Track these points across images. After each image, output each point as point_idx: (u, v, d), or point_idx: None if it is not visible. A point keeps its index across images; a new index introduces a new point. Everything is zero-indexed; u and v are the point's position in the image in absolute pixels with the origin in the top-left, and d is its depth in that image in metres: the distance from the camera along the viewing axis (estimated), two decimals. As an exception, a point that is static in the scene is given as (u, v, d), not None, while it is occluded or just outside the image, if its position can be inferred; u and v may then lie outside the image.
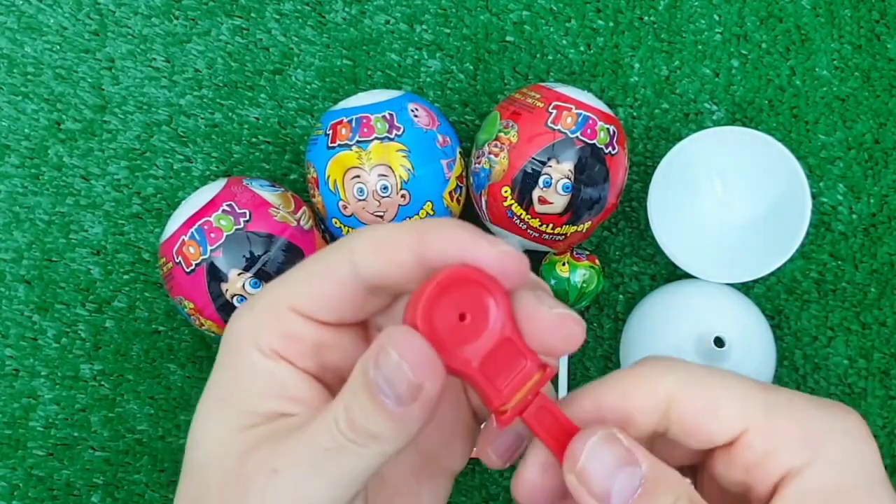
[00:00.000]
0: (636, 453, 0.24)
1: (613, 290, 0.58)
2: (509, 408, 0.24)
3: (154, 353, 0.57)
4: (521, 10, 0.59)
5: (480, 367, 0.23)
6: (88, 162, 0.57)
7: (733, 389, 0.24)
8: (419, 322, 0.23)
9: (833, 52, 0.59)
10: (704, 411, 0.24)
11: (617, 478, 0.23)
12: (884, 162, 0.58)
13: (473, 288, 0.23)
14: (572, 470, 0.24)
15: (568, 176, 0.50)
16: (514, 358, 0.24)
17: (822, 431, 0.24)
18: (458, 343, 0.23)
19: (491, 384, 0.24)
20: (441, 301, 0.23)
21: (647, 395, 0.25)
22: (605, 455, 0.23)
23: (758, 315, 0.54)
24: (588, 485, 0.23)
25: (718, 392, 0.24)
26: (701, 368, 0.25)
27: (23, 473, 0.56)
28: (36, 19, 0.58)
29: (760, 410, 0.24)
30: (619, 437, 0.24)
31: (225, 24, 0.58)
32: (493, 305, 0.23)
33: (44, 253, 0.57)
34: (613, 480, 0.23)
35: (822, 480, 0.23)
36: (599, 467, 0.23)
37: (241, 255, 0.48)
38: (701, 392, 0.24)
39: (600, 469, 0.23)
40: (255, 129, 0.58)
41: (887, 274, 0.58)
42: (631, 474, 0.23)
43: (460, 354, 0.23)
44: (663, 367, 0.25)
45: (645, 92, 0.59)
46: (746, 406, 0.24)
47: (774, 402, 0.24)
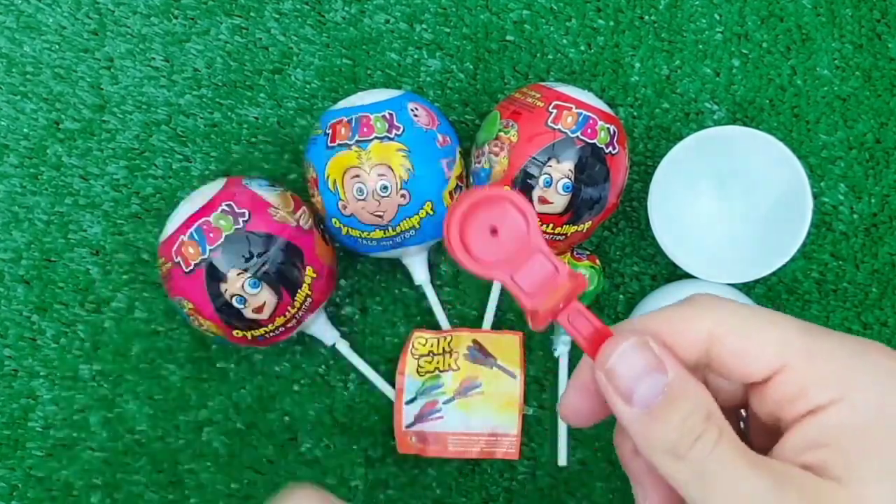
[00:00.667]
0: (665, 361, 0.25)
1: (614, 290, 0.58)
2: (541, 310, 0.26)
3: (153, 354, 0.56)
4: (522, 9, 0.58)
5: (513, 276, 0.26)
6: (87, 162, 0.57)
7: (772, 329, 0.25)
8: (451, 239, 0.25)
9: (834, 51, 0.58)
10: (744, 351, 0.25)
11: (642, 380, 0.25)
12: (885, 162, 0.58)
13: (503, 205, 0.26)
14: (602, 368, 0.25)
15: (568, 176, 0.49)
16: (544, 268, 0.26)
17: (854, 371, 0.24)
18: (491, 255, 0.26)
19: (523, 291, 0.26)
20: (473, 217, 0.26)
21: (690, 330, 0.26)
22: (634, 358, 0.25)
23: (758, 315, 0.54)
24: (614, 382, 0.25)
25: (758, 331, 0.25)
26: (744, 307, 0.26)
27: (22, 474, 0.56)
28: (35, 19, 0.58)
29: (796, 350, 0.25)
30: (651, 345, 0.25)
31: (224, 23, 0.58)
32: (523, 221, 0.26)
33: (43, 253, 0.57)
34: (638, 382, 0.25)
35: (843, 417, 0.24)
36: (627, 368, 0.25)
37: (240, 254, 0.48)
38: (741, 331, 0.25)
39: (628, 370, 0.25)
40: (254, 128, 0.58)
41: (888, 274, 0.58)
42: (656, 379, 0.25)
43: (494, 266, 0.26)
44: (708, 305, 0.26)
45: (645, 91, 0.58)
46: (783, 346, 0.25)
47: (811, 343, 0.25)
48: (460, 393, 0.54)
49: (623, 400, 0.25)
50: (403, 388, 0.55)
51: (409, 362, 0.55)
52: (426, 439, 0.54)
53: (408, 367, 0.55)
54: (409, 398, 0.55)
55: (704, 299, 0.27)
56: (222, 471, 0.56)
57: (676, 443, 0.24)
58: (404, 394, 0.55)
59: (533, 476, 0.57)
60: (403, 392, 0.55)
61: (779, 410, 0.25)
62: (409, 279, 0.56)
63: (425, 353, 0.55)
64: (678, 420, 0.24)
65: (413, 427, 0.55)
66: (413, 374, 0.55)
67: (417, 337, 0.56)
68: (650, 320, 0.26)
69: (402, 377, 0.55)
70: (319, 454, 0.56)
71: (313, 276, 0.50)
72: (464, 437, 0.55)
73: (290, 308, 0.50)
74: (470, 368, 0.54)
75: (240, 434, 0.56)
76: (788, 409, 0.25)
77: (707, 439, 0.24)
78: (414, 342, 0.55)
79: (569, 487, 0.57)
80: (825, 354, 0.25)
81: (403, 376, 0.55)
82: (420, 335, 0.56)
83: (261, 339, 0.50)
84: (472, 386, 0.55)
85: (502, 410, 0.55)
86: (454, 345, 0.55)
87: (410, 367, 0.55)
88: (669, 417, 0.24)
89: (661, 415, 0.24)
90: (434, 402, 0.54)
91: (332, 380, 0.57)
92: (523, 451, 0.56)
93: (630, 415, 0.25)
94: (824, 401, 0.24)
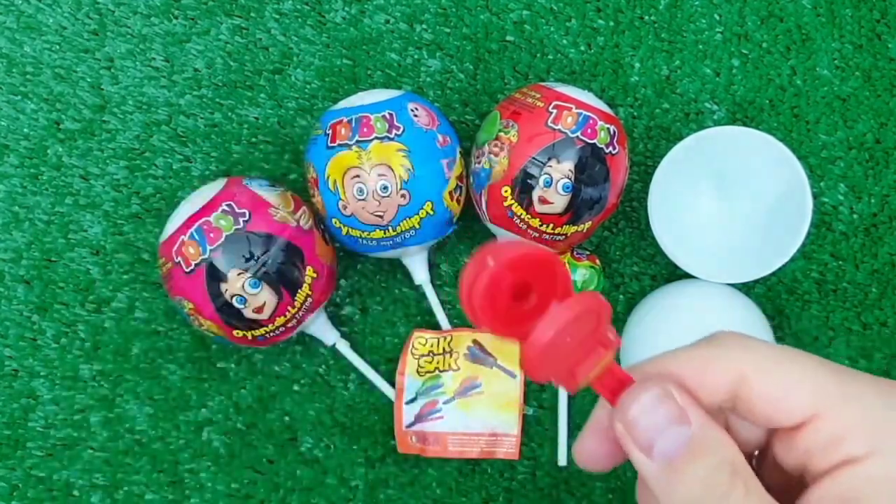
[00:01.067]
0: (688, 412, 0.24)
1: (614, 290, 0.58)
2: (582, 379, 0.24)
3: (153, 354, 0.56)
4: (522, 9, 0.58)
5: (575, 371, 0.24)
6: (88, 162, 0.57)
7: (806, 374, 0.24)
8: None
9: (834, 51, 0.58)
10: (776, 396, 0.24)
11: (664, 432, 0.23)
12: (885, 162, 0.58)
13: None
14: (622, 420, 0.24)
15: (568, 176, 0.49)
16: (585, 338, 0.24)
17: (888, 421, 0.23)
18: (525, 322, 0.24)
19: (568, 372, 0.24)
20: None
21: (716, 373, 0.24)
22: (655, 410, 0.24)
23: (758, 315, 0.54)
24: (634, 434, 0.24)
25: (791, 376, 0.24)
26: (775, 349, 0.25)
27: (22, 474, 0.56)
28: (35, 19, 0.58)
29: (831, 399, 0.24)
30: (674, 394, 0.24)
31: (224, 23, 0.58)
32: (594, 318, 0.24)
33: (43, 253, 0.57)
34: (660, 434, 0.23)
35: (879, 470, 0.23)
36: (648, 421, 0.24)
37: (240, 255, 0.48)
38: (773, 375, 0.24)
39: (648, 422, 0.24)
40: (254, 128, 0.58)
41: (888, 274, 0.58)
42: (678, 432, 0.23)
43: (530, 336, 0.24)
44: (735, 345, 0.25)
45: (645, 91, 0.58)
46: (817, 393, 0.24)
47: (846, 389, 0.24)
48: (460, 393, 0.54)
49: (643, 452, 0.24)
50: (403, 388, 0.55)
51: (409, 362, 0.55)
52: (426, 439, 0.54)
53: (408, 367, 0.55)
54: (409, 398, 0.55)
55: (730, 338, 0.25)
56: (222, 471, 0.56)
57: (700, 499, 0.23)
58: (404, 394, 0.55)
59: (533, 476, 0.57)
60: (403, 392, 0.55)
61: (807, 459, 0.24)
62: (409, 279, 0.56)
63: (425, 353, 0.55)
64: (702, 475, 0.23)
65: (413, 427, 0.55)
66: (413, 374, 0.55)
67: (417, 337, 0.56)
68: (673, 361, 0.25)
69: (402, 377, 0.55)
70: (319, 454, 0.56)
71: (313, 276, 0.50)
72: (464, 437, 0.55)
73: (290, 308, 0.50)
74: (470, 368, 0.54)
75: (240, 434, 0.56)
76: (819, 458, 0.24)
77: (733, 495, 0.23)
78: (414, 342, 0.55)
79: (569, 487, 0.57)
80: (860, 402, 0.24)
81: (403, 376, 0.55)
82: (420, 335, 0.56)
83: (261, 339, 0.50)
84: (472, 386, 0.55)
85: (502, 410, 0.55)
86: (454, 345, 0.55)
87: (410, 367, 0.55)
88: (693, 472, 0.23)
89: (683, 469, 0.23)
90: (434, 402, 0.54)
91: (332, 380, 0.57)
92: (523, 451, 0.56)
93: (651, 469, 0.24)
94: (859, 453, 0.23)
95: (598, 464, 0.27)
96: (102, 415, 0.56)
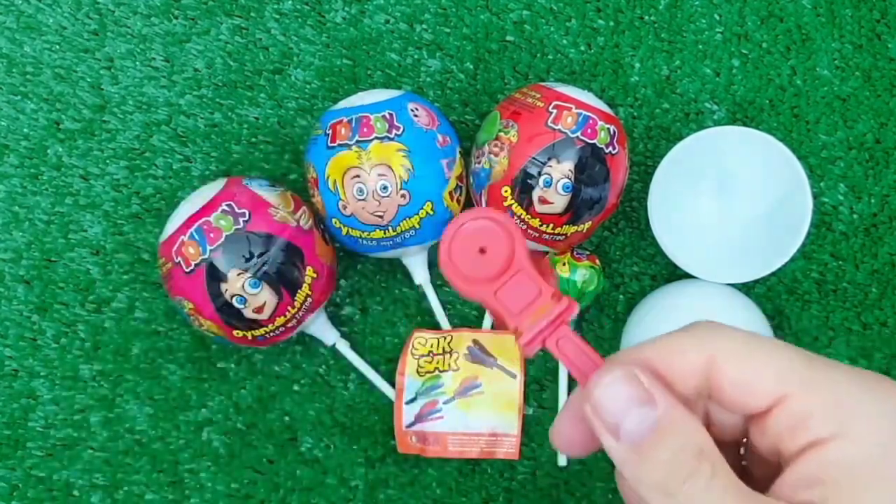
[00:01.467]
0: (654, 394, 0.24)
1: (614, 290, 0.58)
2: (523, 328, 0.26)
3: (153, 354, 0.56)
4: (522, 9, 0.58)
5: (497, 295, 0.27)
6: (88, 162, 0.57)
7: (773, 357, 0.24)
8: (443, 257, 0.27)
9: (834, 51, 0.58)
10: (744, 380, 0.24)
11: (630, 414, 0.24)
12: (885, 162, 0.58)
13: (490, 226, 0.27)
14: (589, 401, 0.24)
15: (568, 176, 0.49)
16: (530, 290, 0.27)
17: (855, 404, 0.23)
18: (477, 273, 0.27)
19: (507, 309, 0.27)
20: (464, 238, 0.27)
21: (687, 359, 0.25)
22: (620, 391, 0.24)
23: (758, 315, 0.54)
24: (600, 416, 0.24)
25: (757, 359, 0.24)
26: (744, 334, 0.25)
27: (22, 474, 0.56)
28: (35, 19, 0.58)
29: (797, 382, 0.24)
30: (640, 377, 0.24)
31: (224, 23, 0.58)
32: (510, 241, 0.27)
33: (43, 253, 0.57)
34: (626, 416, 0.24)
35: (845, 453, 0.23)
36: (614, 402, 0.24)
37: (240, 255, 0.48)
38: (741, 359, 0.24)
39: (615, 404, 0.24)
40: (254, 128, 0.58)
41: (888, 274, 0.58)
42: (645, 413, 0.23)
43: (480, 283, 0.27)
44: (706, 331, 0.25)
45: (645, 91, 0.58)
46: (784, 374, 0.24)
47: (812, 374, 0.24)
48: (460, 393, 0.54)
49: (610, 434, 0.24)
50: (403, 388, 0.55)
51: (409, 362, 0.55)
52: (426, 439, 0.54)
53: (408, 368, 0.55)
54: (409, 398, 0.55)
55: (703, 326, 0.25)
56: (222, 471, 0.56)
57: (666, 480, 0.23)
58: (404, 394, 0.55)
59: (533, 476, 0.57)
60: (403, 392, 0.55)
61: (779, 443, 0.24)
62: (409, 279, 0.56)
63: (425, 353, 0.55)
64: (668, 456, 0.23)
65: (413, 427, 0.55)
66: (413, 374, 0.55)
67: (417, 337, 0.56)
68: (645, 349, 0.25)
69: (402, 377, 0.55)
70: (319, 454, 0.56)
71: (313, 276, 0.50)
72: (464, 437, 0.55)
73: (290, 308, 0.50)
74: (470, 368, 0.54)
75: (240, 434, 0.56)
76: (788, 441, 0.24)
77: (699, 477, 0.23)
78: (414, 342, 0.55)
79: (569, 487, 0.57)
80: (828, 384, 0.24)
81: (403, 376, 0.55)
82: (420, 335, 0.56)
83: (261, 339, 0.50)
84: (472, 386, 0.55)
85: (502, 410, 0.55)
86: (454, 345, 0.55)
87: (410, 367, 0.55)
88: (658, 453, 0.23)
89: (649, 451, 0.23)
90: (434, 402, 0.54)
91: (332, 380, 0.57)
92: (523, 451, 0.56)
93: (618, 450, 0.24)
94: (825, 434, 0.23)
95: (573, 448, 0.27)
96: (102, 415, 0.56)
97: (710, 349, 0.25)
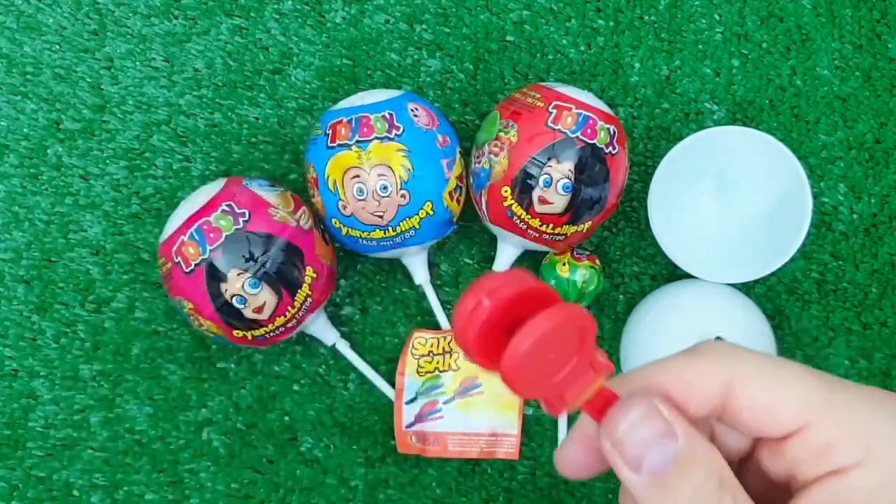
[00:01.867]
0: (675, 427, 0.23)
1: (614, 290, 0.58)
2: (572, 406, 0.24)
3: (153, 354, 0.56)
4: (522, 9, 0.58)
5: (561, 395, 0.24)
6: (87, 162, 0.57)
7: (794, 384, 0.24)
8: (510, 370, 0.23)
9: (834, 51, 0.58)
10: (764, 406, 0.24)
11: (651, 448, 0.23)
12: (884, 162, 0.58)
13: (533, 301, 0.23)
14: (609, 437, 0.24)
15: (568, 176, 0.49)
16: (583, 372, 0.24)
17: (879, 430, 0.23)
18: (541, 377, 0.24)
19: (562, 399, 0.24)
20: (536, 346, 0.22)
21: (703, 383, 0.24)
22: (643, 426, 0.23)
23: (758, 315, 0.54)
24: (621, 450, 0.24)
25: (779, 386, 0.24)
26: (762, 358, 0.25)
27: (22, 474, 0.56)
28: (35, 19, 0.58)
29: (819, 408, 0.24)
30: (661, 410, 0.24)
31: (224, 23, 0.58)
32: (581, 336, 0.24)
33: (43, 253, 0.57)
34: (647, 450, 0.23)
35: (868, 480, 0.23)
36: (636, 437, 0.23)
37: (240, 255, 0.48)
38: (761, 384, 0.24)
39: (636, 439, 0.23)
40: (254, 128, 0.58)
41: (888, 274, 0.58)
42: (666, 447, 0.23)
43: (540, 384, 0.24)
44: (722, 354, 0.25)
45: (645, 91, 0.58)
46: (806, 402, 0.24)
47: (834, 399, 0.24)
48: (460, 393, 0.54)
49: (630, 469, 0.23)
50: (403, 388, 0.55)
51: (409, 362, 0.55)
52: (426, 439, 0.54)
53: (408, 368, 0.55)
54: (409, 398, 0.55)
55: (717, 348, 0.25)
56: (222, 471, 0.56)
57: None
58: (404, 394, 0.55)
59: (533, 476, 0.57)
60: (403, 392, 0.55)
61: (795, 468, 0.24)
62: (409, 279, 0.56)
63: (425, 353, 0.55)
64: (690, 490, 0.23)
65: (413, 427, 0.55)
66: (413, 374, 0.55)
67: (417, 337, 0.56)
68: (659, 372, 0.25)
69: (402, 377, 0.55)
70: (319, 454, 0.56)
71: (313, 276, 0.50)
72: (464, 437, 0.55)
73: (290, 308, 0.50)
74: (470, 368, 0.54)
75: (240, 434, 0.56)
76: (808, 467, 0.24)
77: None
78: (414, 342, 0.55)
79: (569, 487, 0.57)
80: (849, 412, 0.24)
81: (403, 376, 0.55)
82: (420, 335, 0.56)
83: (261, 339, 0.50)
84: (472, 386, 0.55)
85: (502, 410, 0.55)
86: (454, 345, 0.55)
87: (410, 367, 0.55)
88: (681, 487, 0.23)
89: (672, 484, 0.23)
90: (434, 402, 0.54)
91: (332, 380, 0.57)
92: (523, 451, 0.56)
93: (639, 484, 0.23)
94: (848, 462, 0.23)
95: (577, 472, 0.27)
96: (102, 415, 0.56)
97: (728, 373, 0.24)
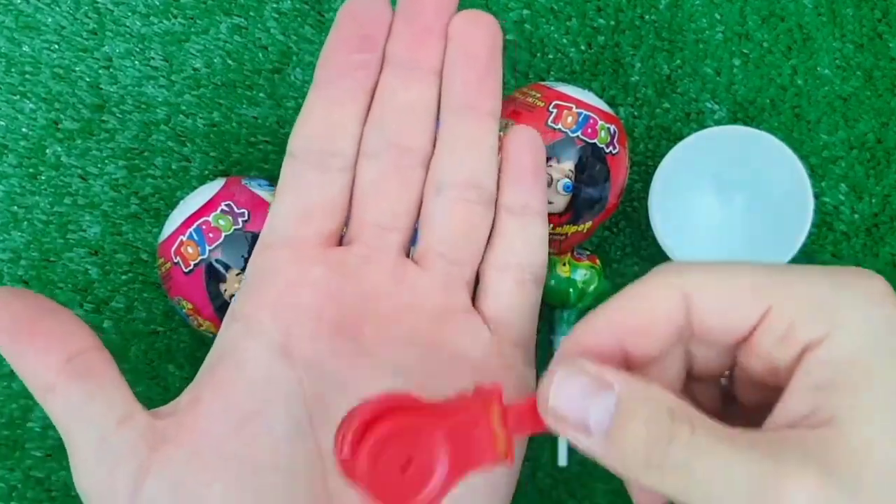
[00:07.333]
0: (607, 376, 0.23)
1: (614, 290, 0.58)
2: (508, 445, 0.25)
3: (152, 354, 0.56)
4: (521, 8, 0.58)
5: None
6: (86, 161, 0.57)
7: (746, 277, 0.24)
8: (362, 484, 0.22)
9: (835, 51, 0.58)
10: (721, 305, 0.24)
11: (591, 406, 0.23)
12: (886, 161, 0.58)
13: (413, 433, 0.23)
14: (547, 414, 0.24)
15: (568, 175, 0.49)
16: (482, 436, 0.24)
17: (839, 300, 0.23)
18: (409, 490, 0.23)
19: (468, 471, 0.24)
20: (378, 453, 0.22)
21: (660, 305, 0.24)
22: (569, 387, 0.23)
23: (759, 315, 0.54)
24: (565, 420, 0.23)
25: (733, 279, 0.24)
26: (712, 263, 0.24)
27: (21, 475, 0.56)
28: (34, 18, 0.58)
29: (774, 289, 0.23)
30: (585, 367, 0.23)
31: (223, 22, 0.58)
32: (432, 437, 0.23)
33: (41, 253, 0.57)
34: (588, 409, 0.23)
35: (840, 350, 0.22)
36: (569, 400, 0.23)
37: (240, 255, 0.48)
38: (715, 286, 0.24)
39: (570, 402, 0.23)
40: (253, 128, 0.58)
41: (890, 274, 0.57)
42: (604, 398, 0.23)
43: None
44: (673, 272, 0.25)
45: (646, 91, 0.58)
46: (761, 289, 0.23)
47: (789, 278, 0.23)
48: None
49: (582, 434, 0.23)
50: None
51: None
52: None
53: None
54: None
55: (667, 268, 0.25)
56: (222, 471, 0.56)
57: (648, 454, 0.22)
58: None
59: (533, 476, 0.56)
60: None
61: (773, 360, 0.23)
62: (408, 279, 0.56)
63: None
64: (641, 431, 0.22)
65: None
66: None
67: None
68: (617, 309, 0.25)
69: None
70: (319, 455, 0.56)
71: (313, 277, 0.50)
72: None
73: (289, 308, 0.49)
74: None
75: (239, 434, 0.56)
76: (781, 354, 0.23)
77: (679, 438, 0.22)
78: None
79: (569, 487, 0.56)
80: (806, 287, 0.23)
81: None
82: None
83: (260, 339, 0.50)
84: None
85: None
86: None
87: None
88: (632, 431, 0.22)
89: (622, 432, 0.22)
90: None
91: (332, 380, 0.57)
92: (523, 452, 0.56)
93: (594, 445, 0.23)
94: (814, 336, 0.22)
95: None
96: (101, 415, 0.56)
97: (681, 286, 0.24)
